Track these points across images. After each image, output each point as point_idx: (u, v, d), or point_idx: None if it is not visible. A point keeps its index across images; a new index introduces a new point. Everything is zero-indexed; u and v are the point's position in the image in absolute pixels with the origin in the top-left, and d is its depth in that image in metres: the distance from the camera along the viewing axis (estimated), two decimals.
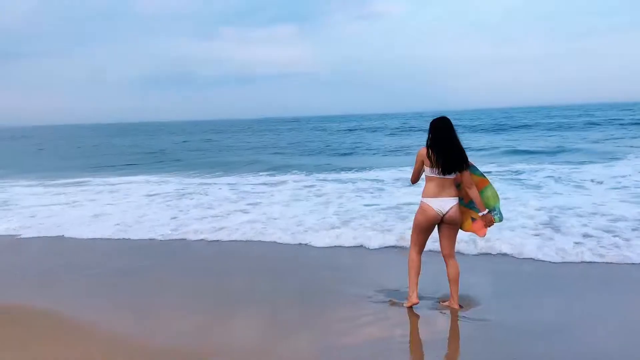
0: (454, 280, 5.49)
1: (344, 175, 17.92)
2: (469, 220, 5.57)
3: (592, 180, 13.80)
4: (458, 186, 5.39)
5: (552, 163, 19.29)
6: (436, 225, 5.43)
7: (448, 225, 5.37)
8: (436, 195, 5.26)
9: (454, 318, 5.33)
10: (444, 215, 5.28)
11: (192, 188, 15.92)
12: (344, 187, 14.58)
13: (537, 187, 13.33)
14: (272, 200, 13.00)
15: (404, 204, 11.18)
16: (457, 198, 5.33)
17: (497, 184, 11.14)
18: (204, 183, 17.33)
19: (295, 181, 16.53)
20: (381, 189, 13.93)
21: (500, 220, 5.48)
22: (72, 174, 21.73)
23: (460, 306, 5.52)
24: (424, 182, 5.41)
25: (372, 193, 13.34)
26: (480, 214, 5.41)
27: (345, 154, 30.16)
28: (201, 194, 14.42)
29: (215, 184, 16.98)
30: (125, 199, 14.31)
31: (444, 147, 5.17)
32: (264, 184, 16.43)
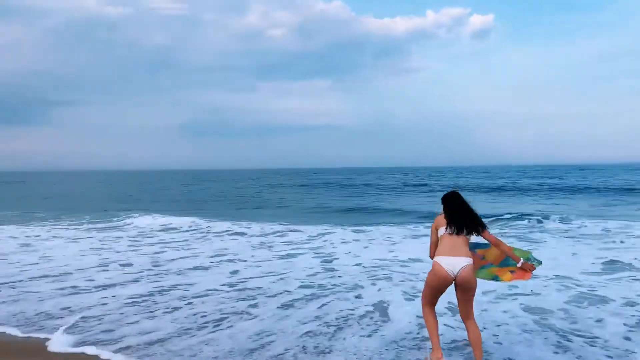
0: (476, 345, 5.28)
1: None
2: (508, 274, 5.62)
3: None
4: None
5: None
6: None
7: (462, 288, 5.25)
8: (448, 253, 5.25)
9: None
10: (456, 276, 5.20)
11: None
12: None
13: None
14: None
15: None
16: (470, 259, 5.26)
17: None
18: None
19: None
20: None
21: (540, 264, 5.59)
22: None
23: None
24: (437, 249, 5.44)
25: None
26: (518, 265, 5.49)
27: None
28: None
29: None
30: None
31: (456, 209, 5.40)
32: None
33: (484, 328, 6.99)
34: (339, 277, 10.46)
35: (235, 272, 11.07)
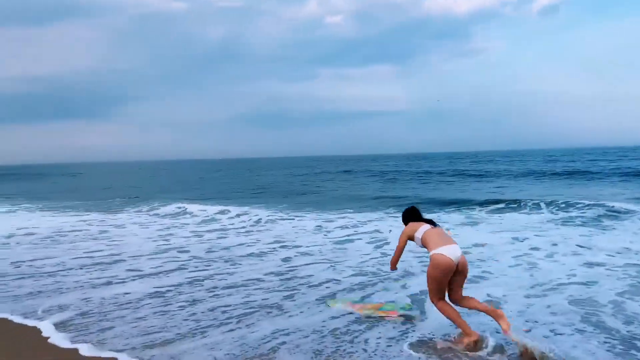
0: (482, 307, 5.54)
1: None
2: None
3: None
4: None
5: None
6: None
7: (461, 271, 5.51)
8: (444, 243, 5.50)
9: None
10: (458, 261, 5.42)
11: None
12: None
13: None
14: None
15: None
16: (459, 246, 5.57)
17: None
18: None
19: None
20: None
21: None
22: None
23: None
24: (428, 245, 5.62)
25: None
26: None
27: None
28: None
29: None
30: None
31: (422, 217, 6.02)
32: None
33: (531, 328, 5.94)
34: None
35: (287, 260, 10.43)
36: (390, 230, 13.38)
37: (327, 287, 8.18)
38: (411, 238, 5.80)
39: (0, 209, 23.67)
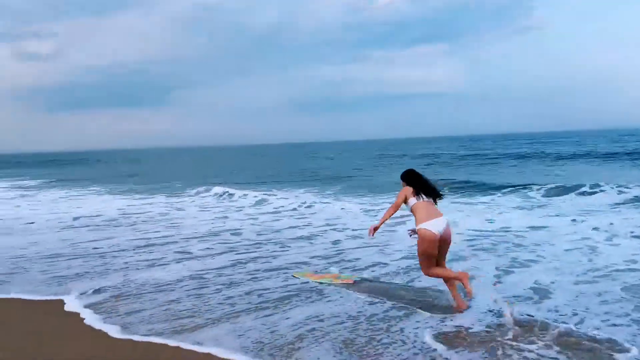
0: (453, 274, 5.96)
1: None
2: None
3: None
4: None
5: None
6: None
7: (445, 242, 5.90)
8: (431, 217, 5.83)
9: None
10: (441, 233, 5.79)
11: None
12: None
13: None
14: None
15: None
16: (446, 217, 5.92)
17: None
18: None
19: None
20: None
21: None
22: None
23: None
24: (416, 217, 5.95)
25: None
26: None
27: None
28: None
29: None
30: None
31: (424, 182, 6.11)
32: None
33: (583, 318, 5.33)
34: None
35: (336, 242, 10.14)
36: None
37: (372, 271, 7.84)
38: (405, 201, 6.01)
39: (72, 193, 24.72)
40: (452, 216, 12.80)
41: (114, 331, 5.64)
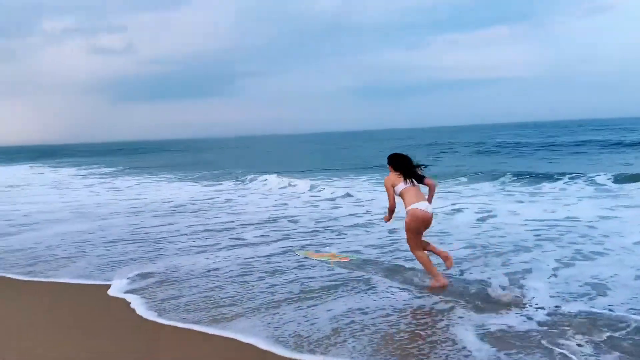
0: (435, 249, 6.50)
1: None
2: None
3: None
4: None
5: None
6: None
7: (428, 223, 6.35)
8: (419, 199, 6.29)
9: None
10: (429, 214, 6.28)
11: None
12: None
13: None
14: None
15: None
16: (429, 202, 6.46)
17: None
18: None
19: None
20: None
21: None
22: None
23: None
24: (405, 200, 6.34)
25: None
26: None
27: None
28: None
29: None
30: None
31: (410, 167, 6.41)
32: None
33: None
34: (502, 237, 8.96)
35: (392, 232, 9.69)
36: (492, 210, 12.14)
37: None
38: (393, 186, 6.38)
39: (145, 180, 25.53)
40: (514, 206, 12.42)
41: (150, 317, 5.60)
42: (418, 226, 6.24)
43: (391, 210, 6.46)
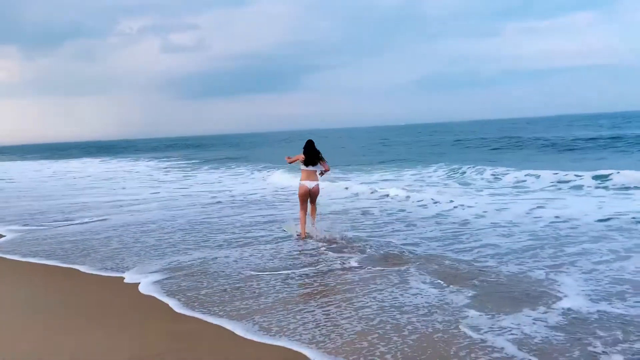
0: (313, 216, 9.45)
1: None
2: None
3: None
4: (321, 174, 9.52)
5: None
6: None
7: (313, 197, 9.42)
8: (306, 179, 9.39)
9: None
10: (310, 189, 9.32)
11: None
12: None
13: None
14: None
15: None
16: (318, 181, 9.47)
17: None
18: None
19: None
20: None
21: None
22: None
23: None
24: (301, 176, 9.41)
25: None
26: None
27: None
28: None
29: None
30: None
31: (310, 152, 9.38)
32: None
33: None
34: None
35: (465, 222, 9.84)
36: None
37: (478, 252, 7.44)
38: (298, 161, 9.40)
39: (228, 172, 26.27)
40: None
41: (175, 306, 5.74)
42: (303, 195, 9.34)
43: (289, 163, 9.75)
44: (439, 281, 6.26)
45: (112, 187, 21.06)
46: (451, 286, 6.03)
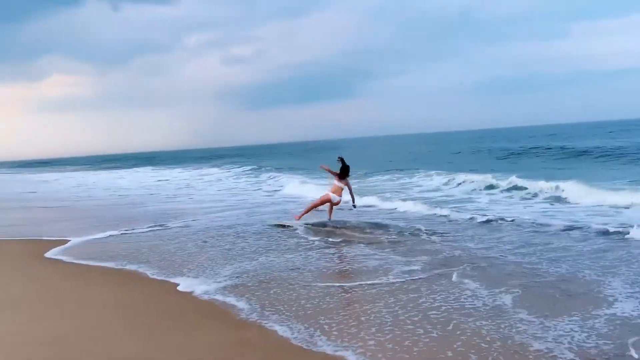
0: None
1: None
2: None
3: None
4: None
5: None
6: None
7: (334, 205, 11.10)
8: (334, 192, 11.04)
9: None
10: (335, 202, 11.06)
11: None
12: None
13: None
14: None
15: None
16: (341, 197, 11.14)
17: None
18: None
19: None
20: None
21: None
22: None
23: None
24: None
25: None
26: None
27: None
28: None
29: None
30: None
31: (345, 173, 11.00)
32: None
33: None
34: None
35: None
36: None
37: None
38: (335, 175, 10.91)
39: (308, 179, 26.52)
40: None
41: (237, 312, 5.85)
42: (325, 202, 10.89)
43: (325, 169, 11.09)
44: (488, 283, 6.37)
45: (191, 194, 22.17)
46: (500, 288, 6.12)
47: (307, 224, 11.08)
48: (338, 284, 6.86)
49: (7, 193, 27.53)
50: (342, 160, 10.85)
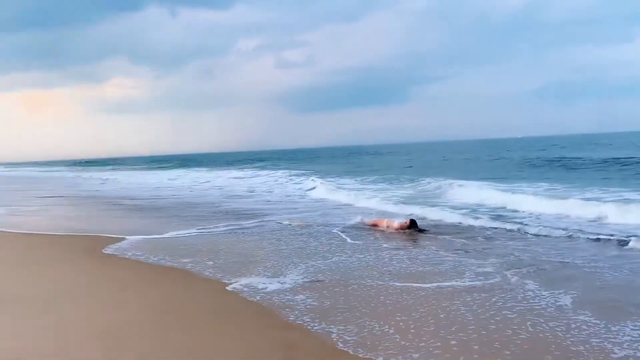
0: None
1: None
2: None
3: None
4: None
5: None
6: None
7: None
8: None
9: None
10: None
11: None
12: None
13: None
14: None
15: None
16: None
17: None
18: None
19: None
20: None
21: None
22: None
23: None
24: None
25: None
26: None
27: None
28: None
29: None
30: None
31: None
32: None
33: None
34: None
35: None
36: None
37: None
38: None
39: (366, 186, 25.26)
40: None
41: (286, 315, 6.03)
42: (388, 226, 11.82)
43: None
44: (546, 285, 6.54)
45: (260, 195, 22.73)
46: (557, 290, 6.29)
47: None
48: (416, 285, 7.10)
49: (99, 191, 28.74)
50: (413, 221, 11.84)
